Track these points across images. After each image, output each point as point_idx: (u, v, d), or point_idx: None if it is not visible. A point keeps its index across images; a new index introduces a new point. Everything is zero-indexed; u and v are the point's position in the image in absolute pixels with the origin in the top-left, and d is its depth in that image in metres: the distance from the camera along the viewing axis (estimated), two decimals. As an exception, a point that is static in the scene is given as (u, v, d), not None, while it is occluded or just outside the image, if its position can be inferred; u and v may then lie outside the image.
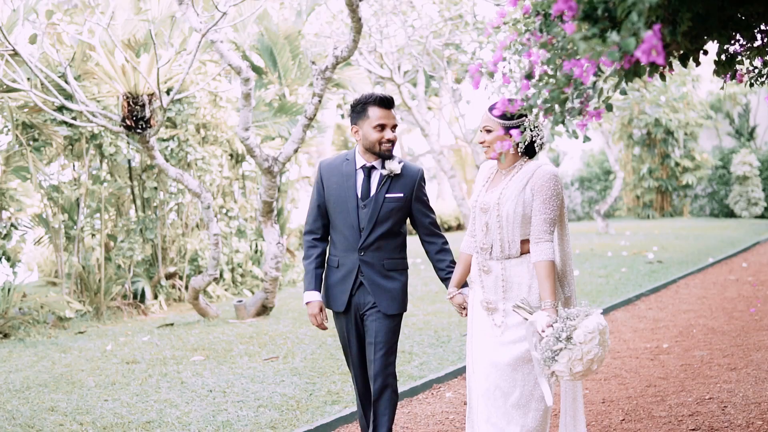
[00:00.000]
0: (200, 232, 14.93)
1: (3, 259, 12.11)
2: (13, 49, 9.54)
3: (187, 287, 13.77)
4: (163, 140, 13.99)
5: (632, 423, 6.68)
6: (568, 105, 3.44)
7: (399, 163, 5.49)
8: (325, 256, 5.69)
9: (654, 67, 3.60)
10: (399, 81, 17.60)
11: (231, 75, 15.79)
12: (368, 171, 5.49)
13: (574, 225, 28.47)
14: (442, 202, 30.57)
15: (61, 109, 11.84)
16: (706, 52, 3.86)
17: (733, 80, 4.51)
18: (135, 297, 13.77)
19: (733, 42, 4.08)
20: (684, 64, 3.84)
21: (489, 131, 4.91)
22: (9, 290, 11.36)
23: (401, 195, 5.46)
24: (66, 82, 10.66)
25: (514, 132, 3.84)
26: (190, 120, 14.18)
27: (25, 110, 11.81)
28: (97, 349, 10.12)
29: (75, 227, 13.05)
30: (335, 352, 9.33)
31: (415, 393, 7.88)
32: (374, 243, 5.44)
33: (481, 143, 4.94)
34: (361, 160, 5.51)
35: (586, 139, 13.24)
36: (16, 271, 12.23)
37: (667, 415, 6.79)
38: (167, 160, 14.12)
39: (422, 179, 5.57)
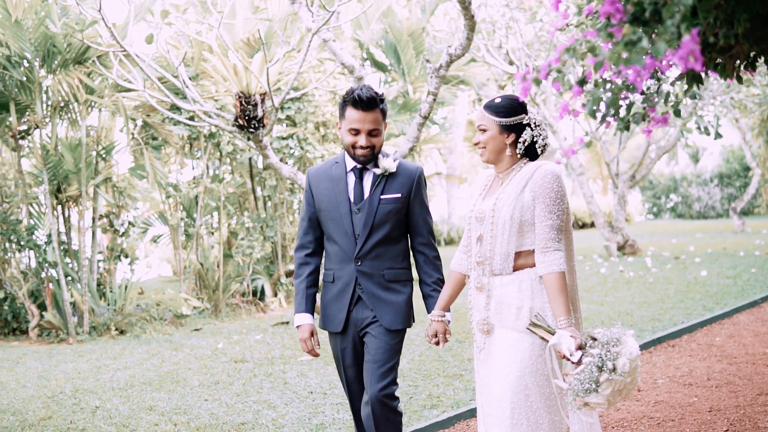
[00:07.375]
0: (320, 230, 14.93)
1: (121, 257, 12.34)
2: (125, 50, 9.67)
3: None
4: (282, 138, 14.04)
5: (736, 435, 6.28)
6: (633, 110, 3.20)
7: (395, 160, 4.99)
8: (317, 274, 5.17)
9: (722, 70, 3.31)
10: (526, 77, 17.19)
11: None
12: (359, 172, 5.00)
13: (711, 222, 27.58)
14: (575, 199, 29.98)
15: (177, 108, 11.98)
16: None
17: None
18: (255, 294, 13.87)
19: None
20: (753, 67, 3.51)
21: (484, 131, 4.43)
22: (126, 287, 11.55)
23: (399, 195, 4.95)
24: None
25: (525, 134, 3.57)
26: (309, 118, 14.18)
27: (140, 110, 12.00)
28: (208, 346, 10.19)
29: (194, 225, 13.22)
30: (443, 354, 9.13)
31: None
32: (372, 251, 4.94)
33: (475, 144, 4.48)
34: (351, 162, 5.01)
35: (718, 135, 12.48)
36: (134, 268, 12.44)
37: (775, 428, 6.36)
38: (287, 159, 14.18)
39: (421, 178, 5.05)
